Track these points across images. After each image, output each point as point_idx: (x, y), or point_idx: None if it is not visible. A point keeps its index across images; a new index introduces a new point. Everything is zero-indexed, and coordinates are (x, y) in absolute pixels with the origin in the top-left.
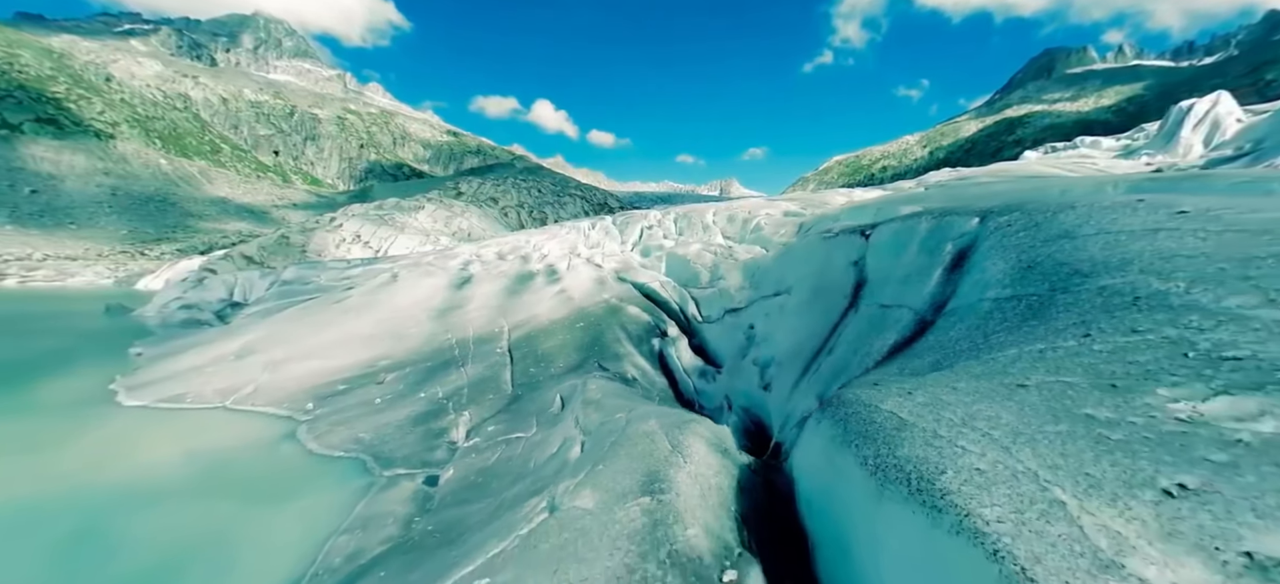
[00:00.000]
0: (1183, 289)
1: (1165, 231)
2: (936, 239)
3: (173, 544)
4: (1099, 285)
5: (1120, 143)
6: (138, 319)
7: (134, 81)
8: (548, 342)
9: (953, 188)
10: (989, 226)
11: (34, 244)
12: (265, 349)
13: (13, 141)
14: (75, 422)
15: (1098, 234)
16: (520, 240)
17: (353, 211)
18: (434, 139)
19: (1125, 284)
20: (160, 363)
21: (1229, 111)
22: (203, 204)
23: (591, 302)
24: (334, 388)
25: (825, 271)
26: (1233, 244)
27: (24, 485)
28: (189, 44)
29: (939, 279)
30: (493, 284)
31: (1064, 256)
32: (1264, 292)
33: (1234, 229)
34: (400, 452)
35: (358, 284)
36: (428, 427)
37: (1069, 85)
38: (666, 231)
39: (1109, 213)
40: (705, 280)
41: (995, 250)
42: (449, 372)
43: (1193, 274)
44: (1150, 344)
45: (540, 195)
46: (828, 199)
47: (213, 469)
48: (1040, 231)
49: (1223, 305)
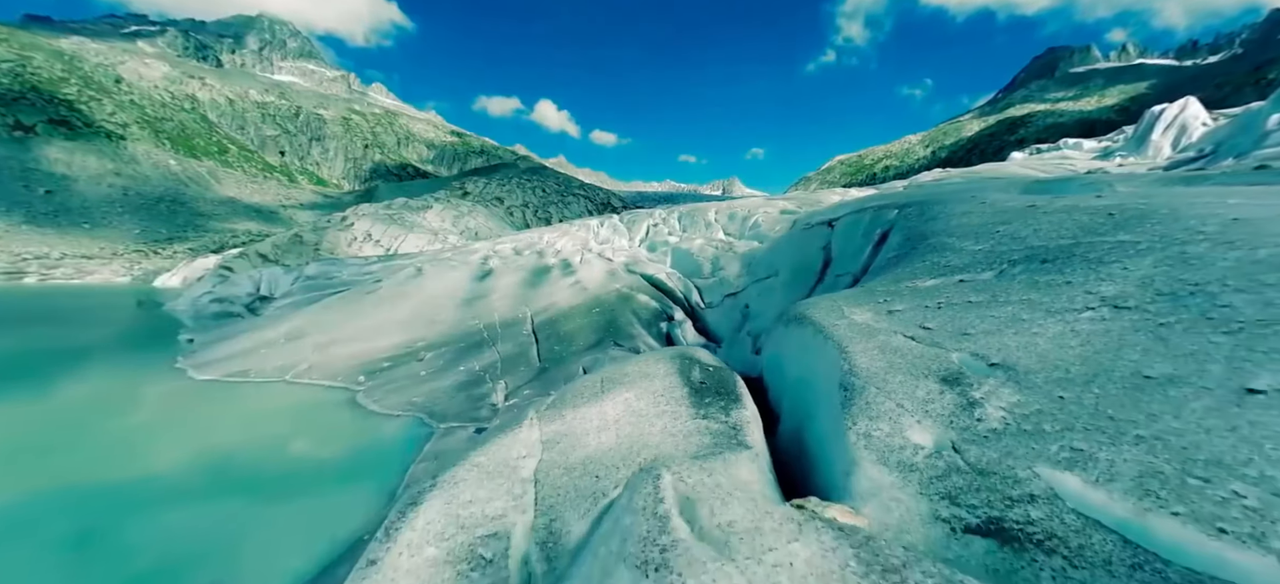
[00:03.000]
0: (956, 242)
1: (974, 214)
2: (870, 226)
3: (297, 467)
4: (937, 239)
5: (1101, 145)
6: (170, 312)
7: (142, 83)
8: (567, 324)
9: (927, 187)
10: (900, 216)
11: (51, 243)
12: (311, 334)
13: (27, 143)
14: (164, 390)
15: (944, 217)
16: (534, 237)
17: (363, 211)
18: (438, 139)
19: (937, 241)
20: (215, 347)
21: (1195, 116)
22: (212, 204)
23: (605, 290)
24: (379, 365)
25: (803, 255)
26: (998, 218)
27: (166, 436)
28: (195, 45)
29: (869, 252)
30: (512, 276)
31: (924, 230)
32: (982, 236)
33: (1011, 211)
34: (450, 410)
35: (384, 278)
36: (470, 392)
37: (1072, 84)
38: (671, 229)
39: (961, 205)
40: (707, 271)
41: (897, 230)
42: (481, 350)
43: (964, 233)
44: (930, 267)
45: (545, 195)
46: (822, 198)
47: (298, 423)
48: (920, 217)
49: (963, 246)
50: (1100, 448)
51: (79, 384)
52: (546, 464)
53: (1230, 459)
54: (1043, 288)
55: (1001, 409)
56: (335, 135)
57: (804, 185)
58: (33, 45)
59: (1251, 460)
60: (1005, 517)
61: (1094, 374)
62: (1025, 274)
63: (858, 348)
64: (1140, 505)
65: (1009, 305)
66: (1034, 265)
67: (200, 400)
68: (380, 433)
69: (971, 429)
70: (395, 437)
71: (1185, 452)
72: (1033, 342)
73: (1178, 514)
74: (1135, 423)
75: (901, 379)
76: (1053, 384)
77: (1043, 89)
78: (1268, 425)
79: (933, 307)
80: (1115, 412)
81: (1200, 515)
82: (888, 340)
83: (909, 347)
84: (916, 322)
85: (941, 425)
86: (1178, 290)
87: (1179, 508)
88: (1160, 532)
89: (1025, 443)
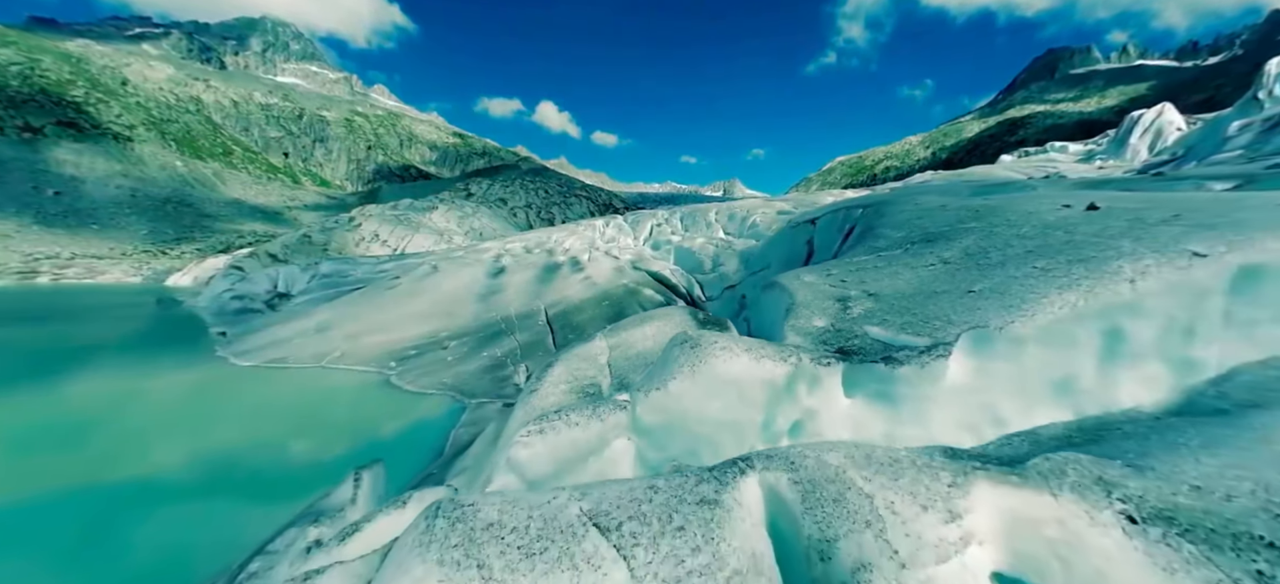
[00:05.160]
0: (887, 231)
1: (904, 212)
2: (842, 223)
3: (357, 428)
4: (879, 230)
5: (1086, 147)
6: (191, 309)
7: (148, 85)
8: (579, 315)
9: (912, 189)
10: (862, 215)
11: (61, 243)
12: (339, 326)
13: (36, 145)
14: (215, 375)
15: (887, 215)
16: (542, 236)
17: (370, 212)
18: (440, 140)
19: (876, 231)
20: (248, 337)
21: (1171, 121)
22: (218, 205)
23: (613, 285)
24: (407, 352)
25: (792, 248)
26: (916, 214)
27: (236, 410)
28: (199, 47)
29: (839, 242)
30: (525, 273)
31: (872, 224)
32: (901, 227)
33: (926, 210)
34: (478, 389)
35: (402, 275)
36: (495, 375)
37: (1072, 85)
38: (674, 229)
39: (900, 205)
40: (708, 267)
41: (858, 225)
42: (501, 339)
43: (893, 225)
44: (866, 248)
45: (547, 196)
46: (817, 199)
47: (344, 399)
48: (873, 216)
49: (890, 234)
50: (892, 316)
51: (140, 372)
52: (614, 356)
53: (951, 319)
54: (914, 254)
55: (861, 309)
56: (338, 137)
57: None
58: (40, 48)
59: (962, 320)
60: (846, 346)
61: (912, 293)
62: (912, 248)
63: (799, 291)
64: (889, 332)
65: (892, 265)
66: (920, 243)
67: (250, 383)
68: (419, 407)
69: (842, 317)
70: (433, 409)
71: (933, 318)
72: (893, 281)
73: (918, 334)
74: (914, 308)
75: (817, 301)
76: (890, 298)
77: (1043, 90)
78: (974, 304)
79: (853, 269)
80: (909, 307)
81: (921, 334)
82: (818, 287)
83: (827, 288)
84: (840, 277)
85: (829, 317)
86: (973, 252)
87: (919, 333)
88: (900, 341)
89: (864, 321)
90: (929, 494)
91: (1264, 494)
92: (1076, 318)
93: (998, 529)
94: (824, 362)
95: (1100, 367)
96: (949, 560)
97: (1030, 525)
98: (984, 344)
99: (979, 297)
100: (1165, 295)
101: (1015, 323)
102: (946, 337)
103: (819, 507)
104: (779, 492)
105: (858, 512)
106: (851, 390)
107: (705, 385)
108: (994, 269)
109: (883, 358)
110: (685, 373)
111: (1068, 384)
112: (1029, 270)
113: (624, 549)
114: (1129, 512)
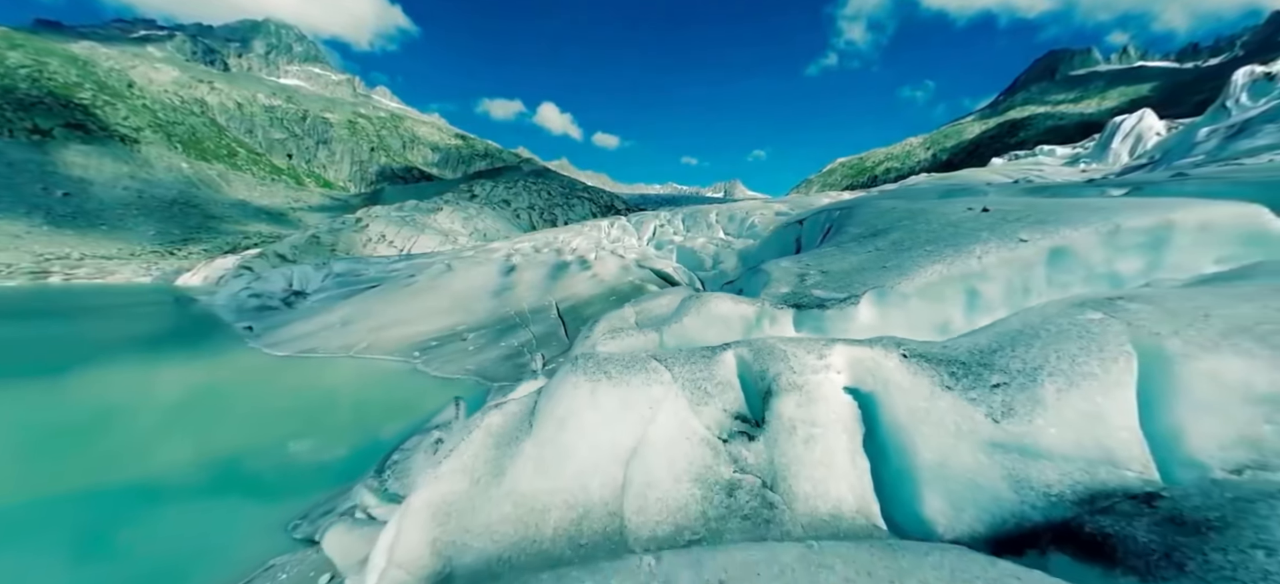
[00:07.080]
0: (851, 228)
1: (867, 212)
2: (823, 223)
3: (394, 406)
4: (845, 228)
5: (1073, 151)
6: (207, 307)
7: (153, 87)
8: (588, 310)
9: (902, 190)
10: (838, 216)
11: (71, 244)
12: (361, 320)
13: (45, 147)
14: (254, 364)
15: (855, 215)
16: (550, 236)
17: (376, 213)
18: (443, 142)
19: (844, 228)
20: (275, 331)
21: (1150, 127)
22: (224, 206)
23: (619, 282)
24: (428, 343)
25: (782, 246)
26: (875, 214)
27: (284, 391)
28: (203, 50)
29: (820, 237)
30: (535, 271)
31: (843, 223)
32: (862, 224)
33: (883, 210)
34: (500, 374)
35: (418, 273)
36: (514, 362)
37: (1073, 87)
38: (676, 229)
39: (866, 207)
40: (708, 265)
41: (835, 223)
42: (516, 331)
43: (857, 223)
44: (833, 241)
45: (550, 197)
46: (814, 201)
47: (377, 383)
48: (845, 217)
49: (852, 230)
50: (831, 284)
51: (185, 362)
52: (640, 317)
53: (867, 284)
54: (862, 243)
55: (813, 280)
56: (341, 139)
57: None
58: (47, 50)
59: (874, 284)
60: (799, 303)
61: (850, 270)
62: (862, 240)
63: (774, 272)
64: (827, 292)
65: (843, 252)
66: (867, 236)
67: (290, 369)
68: (449, 388)
69: (800, 286)
70: (461, 390)
71: (857, 284)
72: (840, 263)
73: (844, 293)
74: (848, 279)
75: (785, 277)
76: (835, 273)
77: (1044, 91)
78: (883, 275)
79: (816, 256)
80: (845, 278)
81: (845, 294)
82: (788, 268)
83: (794, 269)
84: (805, 262)
85: (790, 285)
86: (897, 242)
87: (845, 292)
88: (831, 297)
89: (813, 287)
90: (811, 348)
91: (968, 342)
92: (944, 281)
93: (846, 364)
94: (780, 307)
95: (966, 314)
96: (818, 374)
97: (861, 362)
98: (882, 297)
99: (888, 271)
100: (1003, 266)
101: (901, 284)
102: (858, 293)
103: (761, 358)
104: (743, 356)
105: (778, 357)
106: (799, 326)
107: (705, 320)
108: (904, 252)
109: (818, 305)
110: (692, 313)
111: (945, 326)
112: (923, 252)
113: (670, 367)
114: (903, 353)
